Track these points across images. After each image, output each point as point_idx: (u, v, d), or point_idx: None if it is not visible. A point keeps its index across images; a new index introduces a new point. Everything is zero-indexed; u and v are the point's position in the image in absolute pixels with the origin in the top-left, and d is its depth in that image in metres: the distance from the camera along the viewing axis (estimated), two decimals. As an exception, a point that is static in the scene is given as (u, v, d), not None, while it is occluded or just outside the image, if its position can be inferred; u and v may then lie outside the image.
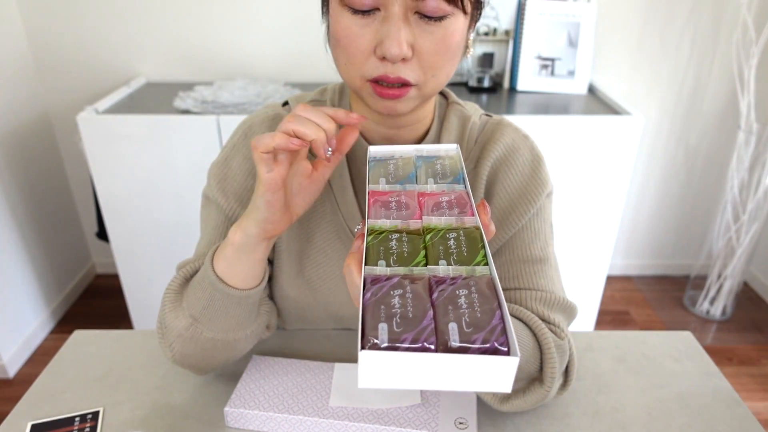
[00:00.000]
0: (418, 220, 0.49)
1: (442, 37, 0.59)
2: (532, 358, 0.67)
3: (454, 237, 0.46)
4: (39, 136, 2.11)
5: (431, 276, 0.42)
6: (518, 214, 0.74)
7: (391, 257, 0.44)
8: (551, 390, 0.68)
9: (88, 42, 2.00)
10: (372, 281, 0.41)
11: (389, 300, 0.39)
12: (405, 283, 0.40)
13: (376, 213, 0.51)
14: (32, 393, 0.78)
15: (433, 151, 0.61)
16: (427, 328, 0.37)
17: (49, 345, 2.08)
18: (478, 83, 1.95)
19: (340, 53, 0.62)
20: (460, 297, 0.39)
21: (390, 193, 0.53)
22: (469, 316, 0.37)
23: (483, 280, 0.41)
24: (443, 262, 0.43)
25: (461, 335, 0.36)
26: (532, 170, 0.75)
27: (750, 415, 0.75)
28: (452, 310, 0.38)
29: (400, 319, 0.37)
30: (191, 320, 0.68)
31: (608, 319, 2.25)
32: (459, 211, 0.49)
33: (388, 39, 0.57)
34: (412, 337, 0.36)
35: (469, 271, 0.42)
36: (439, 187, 0.54)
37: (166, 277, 1.87)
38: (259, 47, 2.02)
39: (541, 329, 0.68)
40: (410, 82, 0.60)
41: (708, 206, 2.35)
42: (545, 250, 0.75)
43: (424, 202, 0.51)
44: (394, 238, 0.46)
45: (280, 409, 0.70)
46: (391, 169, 0.57)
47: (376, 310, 0.38)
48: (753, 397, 1.87)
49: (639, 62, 2.08)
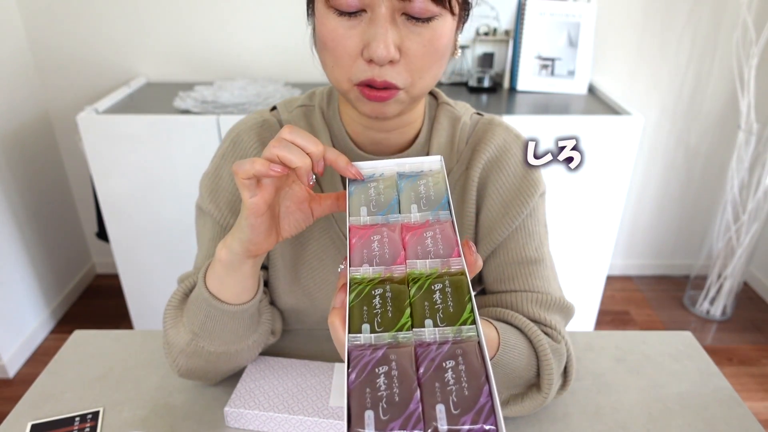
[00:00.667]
0: (402, 266, 0.47)
1: (430, 39, 0.58)
2: (529, 366, 0.67)
3: (440, 289, 0.44)
4: (39, 136, 2.11)
5: (417, 344, 0.41)
6: (512, 215, 0.73)
7: (375, 319, 0.42)
8: (549, 396, 0.68)
9: (88, 42, 2.00)
10: (356, 356, 0.40)
11: (375, 381, 0.38)
12: (390, 358, 0.39)
13: (359, 257, 0.48)
14: (32, 393, 0.78)
15: (416, 167, 0.57)
16: (414, 414, 0.36)
17: (49, 345, 2.08)
18: (478, 83, 1.95)
19: (326, 56, 0.61)
20: (447, 371, 0.38)
21: (372, 230, 0.50)
22: (457, 395, 0.37)
23: (471, 347, 0.40)
24: (429, 322, 0.42)
25: (449, 419, 0.36)
26: (525, 171, 0.74)
27: (750, 415, 0.75)
28: (439, 388, 0.37)
29: (387, 404, 0.36)
30: (192, 335, 0.68)
31: (608, 319, 2.25)
32: (444, 250, 0.47)
33: (375, 41, 0.55)
34: (400, 424, 0.35)
35: (456, 332, 0.41)
36: (423, 216, 0.51)
37: (166, 277, 1.87)
38: (259, 47, 2.02)
39: (536, 336, 0.68)
40: (397, 85, 0.59)
41: (708, 206, 2.35)
42: (540, 251, 0.74)
43: (408, 240, 0.49)
44: (377, 294, 0.44)
45: (280, 409, 0.70)
46: (372, 195, 0.54)
47: (362, 395, 0.37)
48: (753, 397, 1.87)
49: (639, 62, 2.08)
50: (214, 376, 0.75)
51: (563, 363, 0.70)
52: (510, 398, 0.70)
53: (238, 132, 0.76)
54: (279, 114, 0.77)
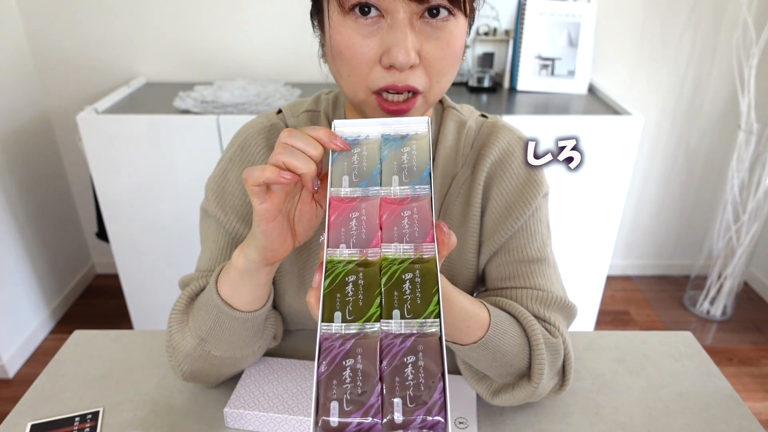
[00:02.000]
0: (377, 249, 0.49)
1: (447, 42, 0.58)
2: (521, 354, 0.67)
3: (410, 279, 0.47)
4: (39, 136, 2.11)
5: (382, 337, 0.45)
6: (515, 216, 0.73)
7: (347, 308, 0.46)
8: (539, 386, 0.68)
9: (88, 42, 2.00)
10: (326, 348, 0.44)
11: (341, 374, 0.43)
12: (357, 351, 0.44)
13: (336, 236, 0.50)
14: (32, 393, 0.78)
15: (402, 128, 0.57)
16: (374, 406, 0.41)
17: (49, 345, 2.08)
18: (478, 83, 1.95)
19: (342, 65, 0.60)
20: (407, 366, 0.43)
21: (351, 205, 0.51)
22: (414, 390, 0.42)
23: (432, 343, 0.44)
24: (397, 312, 0.46)
25: (404, 411, 0.41)
26: (528, 172, 0.74)
27: (750, 415, 0.75)
28: (399, 383, 0.42)
29: (350, 396, 0.42)
30: (199, 340, 0.68)
31: (608, 319, 2.25)
32: (419, 232, 0.50)
33: (396, 47, 0.55)
34: (361, 415, 0.41)
35: (419, 326, 0.45)
36: (403, 191, 0.52)
37: (166, 277, 1.87)
38: (259, 47, 2.02)
39: (531, 324, 0.68)
40: (418, 89, 0.59)
41: (708, 206, 2.35)
42: (543, 251, 0.75)
43: (385, 221, 0.51)
44: (350, 281, 0.47)
45: (279, 409, 0.70)
46: (355, 162, 0.54)
47: (329, 387, 0.43)
48: (753, 397, 1.87)
49: (639, 62, 2.08)
50: (216, 379, 0.75)
51: (559, 359, 0.70)
52: (502, 387, 0.71)
53: (246, 136, 0.75)
54: (285, 118, 0.77)
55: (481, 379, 0.73)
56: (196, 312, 0.69)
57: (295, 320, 0.84)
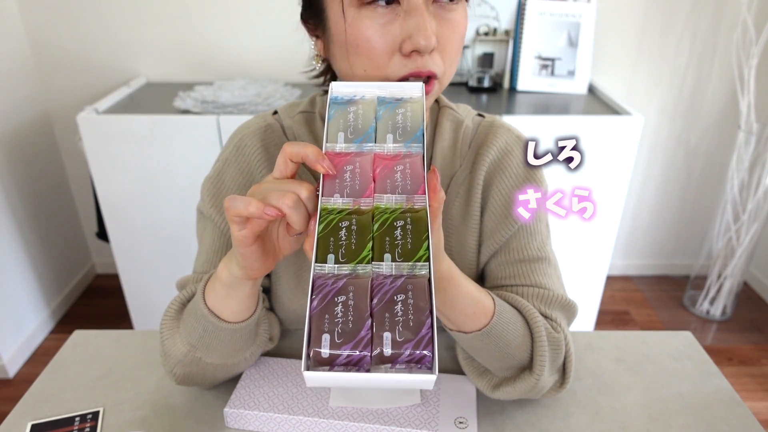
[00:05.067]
0: (370, 199, 0.50)
1: (457, 25, 0.60)
2: (523, 346, 0.67)
3: (401, 225, 0.48)
4: (39, 136, 2.11)
5: (374, 277, 0.46)
6: (514, 216, 0.73)
7: (340, 251, 0.47)
8: (540, 378, 0.68)
9: (88, 42, 2.00)
10: (319, 285, 0.45)
11: (333, 309, 0.44)
12: (349, 289, 0.45)
13: (330, 187, 0.50)
14: (32, 393, 0.78)
15: (397, 92, 0.57)
16: (364, 339, 0.43)
17: (49, 345, 2.08)
18: (478, 83, 1.95)
19: (357, 60, 0.60)
20: (397, 303, 0.44)
21: (346, 159, 0.52)
22: (403, 325, 0.43)
23: (421, 283, 0.45)
24: (388, 256, 0.47)
25: (393, 344, 0.42)
26: (527, 171, 0.74)
27: (750, 415, 0.75)
28: (388, 318, 0.43)
29: (341, 330, 0.43)
30: (189, 347, 0.68)
31: (608, 319, 2.25)
32: (411, 186, 0.50)
33: (418, 31, 0.56)
34: (351, 347, 0.42)
35: (410, 269, 0.46)
36: (396, 148, 0.53)
37: (166, 277, 1.87)
38: (259, 47, 2.02)
39: (533, 317, 0.68)
40: (437, 74, 0.60)
41: (708, 206, 2.35)
42: (543, 250, 0.75)
43: (378, 174, 0.51)
44: (344, 226, 0.48)
45: (279, 409, 0.70)
46: (351, 120, 0.54)
47: (321, 320, 0.44)
48: (753, 397, 1.87)
49: (639, 62, 2.08)
50: (212, 382, 0.75)
51: (560, 355, 0.70)
52: (502, 380, 0.71)
53: (241, 137, 0.75)
54: (281, 119, 0.77)
55: (482, 374, 0.73)
56: (186, 319, 0.68)
57: (293, 321, 0.83)
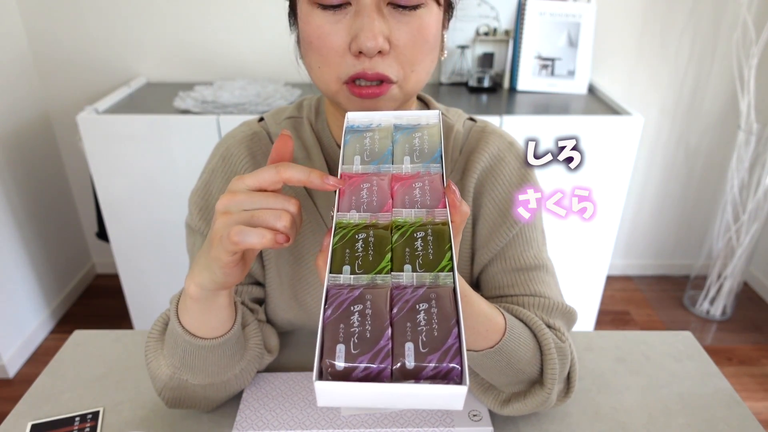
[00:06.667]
0: (388, 213, 0.47)
1: (418, 28, 0.57)
2: (533, 360, 0.66)
3: (422, 236, 0.45)
4: (39, 136, 2.11)
5: (393, 286, 0.42)
6: (509, 224, 0.72)
7: (356, 262, 0.43)
8: (552, 392, 0.66)
9: (88, 42, 2.00)
10: (333, 294, 0.41)
11: (349, 318, 0.39)
12: (366, 297, 0.41)
13: (347, 203, 0.48)
14: (32, 393, 0.78)
15: (413, 120, 0.57)
16: (383, 349, 0.38)
17: (49, 345, 2.08)
18: (478, 83, 1.95)
19: (312, 56, 0.59)
20: (419, 312, 0.39)
21: (362, 178, 0.50)
22: (427, 335, 0.38)
23: (445, 292, 0.41)
24: (408, 267, 0.43)
25: (417, 356, 0.37)
26: (520, 178, 0.72)
27: (750, 415, 0.75)
28: (410, 327, 0.39)
29: (358, 339, 0.38)
30: (173, 369, 0.65)
31: (608, 319, 2.25)
32: (431, 201, 0.48)
33: (363, 32, 0.54)
34: (369, 358, 0.37)
35: (432, 278, 0.42)
36: (414, 168, 0.51)
37: (166, 277, 1.87)
38: (259, 47, 2.02)
39: (541, 330, 0.66)
40: (390, 78, 0.58)
41: (708, 206, 2.35)
42: (539, 257, 0.73)
43: (396, 190, 0.49)
44: (360, 238, 0.45)
45: (291, 425, 0.67)
46: (367, 145, 0.53)
47: (336, 330, 0.39)
48: (753, 397, 1.87)
49: (639, 62, 2.08)
50: (206, 405, 0.71)
51: (567, 365, 0.69)
52: (512, 396, 0.69)
53: (228, 146, 0.74)
54: (267, 126, 0.75)
55: (487, 390, 0.70)
56: (167, 341, 0.65)
57: (286, 329, 0.82)
